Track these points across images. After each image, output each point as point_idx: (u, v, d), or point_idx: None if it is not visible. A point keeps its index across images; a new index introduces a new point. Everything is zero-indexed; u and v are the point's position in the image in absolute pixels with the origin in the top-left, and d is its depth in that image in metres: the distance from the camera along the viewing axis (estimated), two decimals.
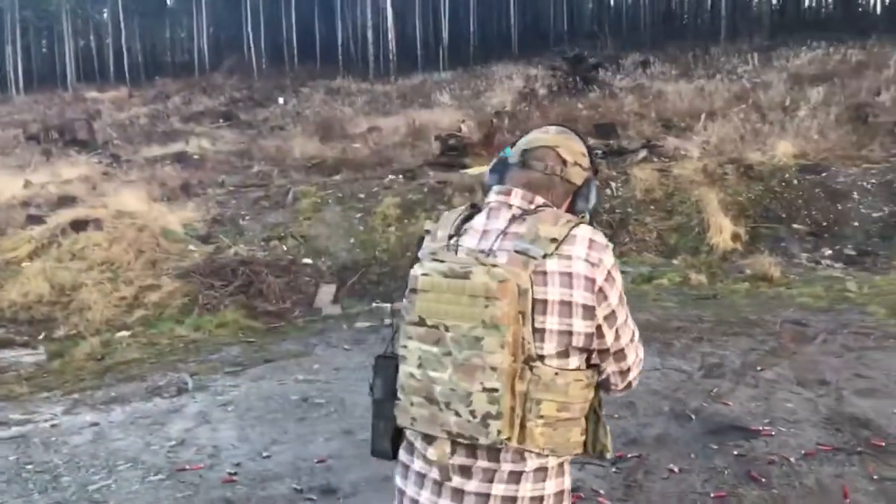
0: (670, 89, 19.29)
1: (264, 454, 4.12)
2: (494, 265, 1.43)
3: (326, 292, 8.39)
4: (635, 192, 10.22)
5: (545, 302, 1.44)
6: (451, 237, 1.56)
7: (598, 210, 1.73)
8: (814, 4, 43.03)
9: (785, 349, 5.66)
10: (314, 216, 10.39)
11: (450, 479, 1.47)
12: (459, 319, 1.42)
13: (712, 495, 3.41)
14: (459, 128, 11.86)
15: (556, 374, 1.44)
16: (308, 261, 9.22)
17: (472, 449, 1.46)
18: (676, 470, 3.68)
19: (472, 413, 1.40)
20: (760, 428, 4.13)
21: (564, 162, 1.60)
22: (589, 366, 1.54)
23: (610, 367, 1.56)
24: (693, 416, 4.37)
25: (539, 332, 1.44)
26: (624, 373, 1.58)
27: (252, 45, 42.45)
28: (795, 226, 9.52)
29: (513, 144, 1.66)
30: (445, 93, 25.26)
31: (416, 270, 1.51)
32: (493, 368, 1.38)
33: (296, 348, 6.46)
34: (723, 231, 9.30)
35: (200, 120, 23.85)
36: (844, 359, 5.38)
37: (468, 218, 1.59)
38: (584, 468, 3.75)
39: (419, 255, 1.60)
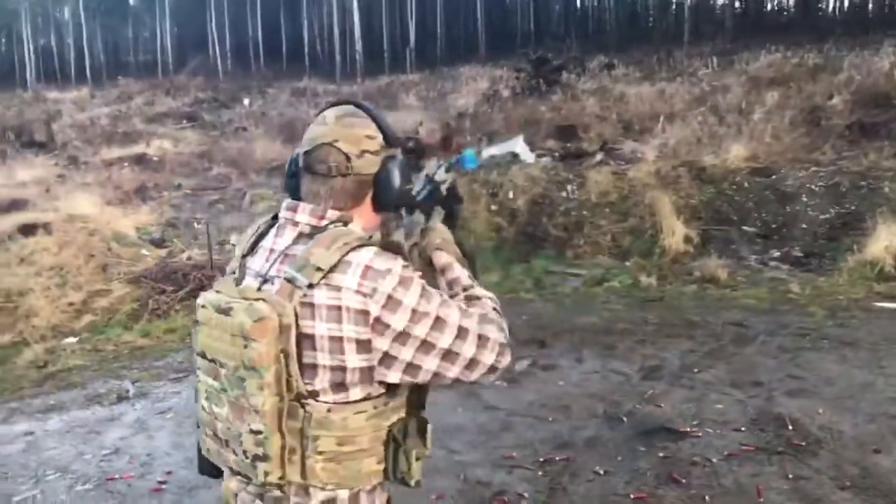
0: (632, 92, 19.45)
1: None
2: (258, 299, 1.32)
3: None
4: (590, 194, 10.31)
5: (313, 337, 1.33)
6: (244, 256, 1.48)
7: (404, 192, 1.47)
8: (776, 8, 43.81)
9: (723, 351, 5.76)
10: None
11: None
12: (227, 358, 1.35)
13: (632, 496, 3.48)
14: (417, 130, 11.89)
15: (330, 410, 1.35)
16: None
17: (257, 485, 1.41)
18: (601, 472, 3.75)
19: (245, 453, 1.36)
20: (688, 429, 4.22)
21: (347, 157, 1.40)
22: (388, 389, 1.40)
23: (449, 373, 1.39)
24: (625, 419, 4.44)
25: (310, 368, 1.34)
26: (470, 365, 1.39)
27: (217, 45, 42.21)
28: (745, 228, 9.68)
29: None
30: (412, 94, 25.27)
31: (199, 299, 1.43)
32: (257, 411, 1.31)
33: None
34: (675, 233, 9.42)
35: (163, 121, 23.50)
36: (779, 360, 5.50)
37: (263, 234, 1.48)
38: (512, 472, 3.81)
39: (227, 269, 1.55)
